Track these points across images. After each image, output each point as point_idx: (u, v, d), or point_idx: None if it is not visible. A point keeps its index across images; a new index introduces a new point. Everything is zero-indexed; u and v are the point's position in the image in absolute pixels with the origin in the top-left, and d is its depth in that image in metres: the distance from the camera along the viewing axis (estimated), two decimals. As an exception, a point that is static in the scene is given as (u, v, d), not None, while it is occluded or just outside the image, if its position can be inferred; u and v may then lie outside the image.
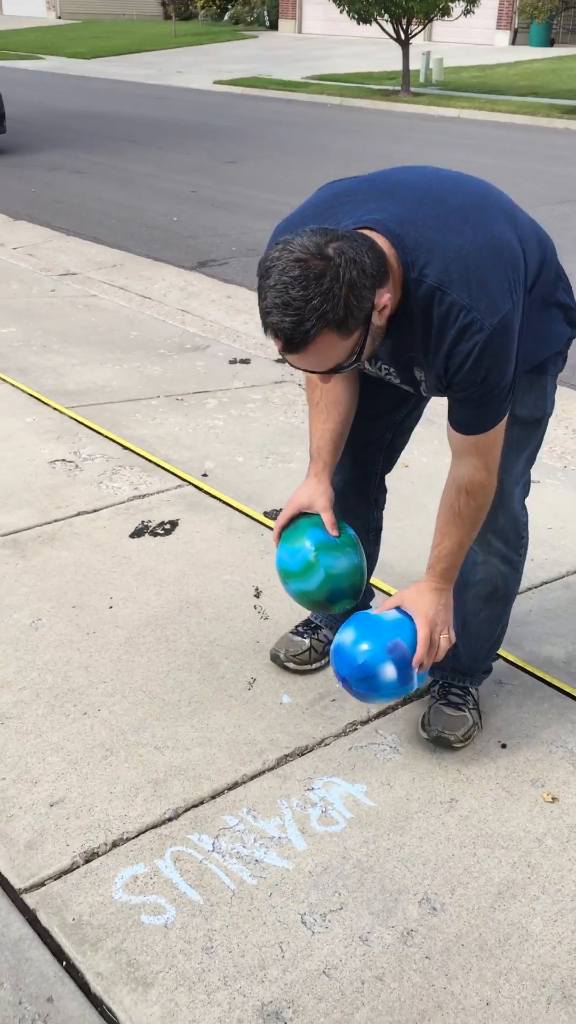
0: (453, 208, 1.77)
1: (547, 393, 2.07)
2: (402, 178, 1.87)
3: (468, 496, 1.93)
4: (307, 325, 1.58)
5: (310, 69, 21.83)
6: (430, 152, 12.46)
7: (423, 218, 1.74)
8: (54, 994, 1.65)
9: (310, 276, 1.57)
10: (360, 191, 1.82)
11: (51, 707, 2.33)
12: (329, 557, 2.14)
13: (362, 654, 2.02)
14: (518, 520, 2.13)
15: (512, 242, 1.79)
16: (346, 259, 1.58)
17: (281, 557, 2.21)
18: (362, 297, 1.62)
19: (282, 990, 1.67)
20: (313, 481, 2.15)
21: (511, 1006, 1.67)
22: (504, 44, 25.96)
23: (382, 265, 1.67)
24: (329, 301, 1.57)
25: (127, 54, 26.02)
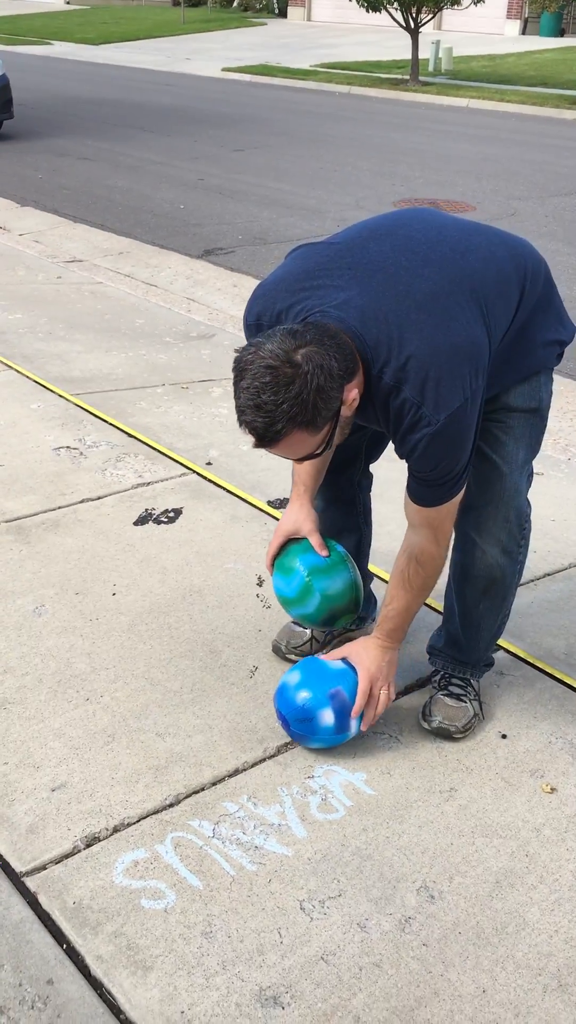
0: (417, 301, 1.82)
1: (541, 384, 2.09)
2: (374, 255, 1.88)
3: (418, 565, 2.03)
4: (278, 426, 1.70)
5: (319, 57, 21.73)
6: (438, 143, 12.41)
7: (386, 313, 1.80)
8: (54, 977, 1.67)
9: (280, 382, 1.67)
10: (332, 270, 1.87)
11: (53, 693, 2.34)
12: (322, 580, 2.24)
13: (304, 697, 2.12)
14: (522, 511, 2.14)
15: (472, 333, 1.84)
16: (314, 365, 1.68)
17: (277, 586, 2.30)
18: (329, 398, 1.72)
19: (280, 975, 1.69)
20: (296, 506, 2.24)
21: (507, 994, 1.68)
22: (514, 34, 25.81)
23: (350, 363, 1.77)
24: (298, 405, 1.68)
25: (136, 40, 25.91)
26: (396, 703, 2.36)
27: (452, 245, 1.90)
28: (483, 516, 2.11)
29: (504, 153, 11.77)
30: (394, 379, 1.80)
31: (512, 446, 2.07)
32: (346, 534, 2.42)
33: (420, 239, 1.90)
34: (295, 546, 2.27)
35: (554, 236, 7.73)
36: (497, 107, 16.28)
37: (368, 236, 1.93)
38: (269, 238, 7.53)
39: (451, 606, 2.28)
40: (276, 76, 19.38)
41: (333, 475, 2.29)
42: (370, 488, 2.44)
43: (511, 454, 2.07)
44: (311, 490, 2.24)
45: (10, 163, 10.28)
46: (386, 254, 1.87)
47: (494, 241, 1.98)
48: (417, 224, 1.95)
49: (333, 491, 2.35)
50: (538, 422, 2.12)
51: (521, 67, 19.98)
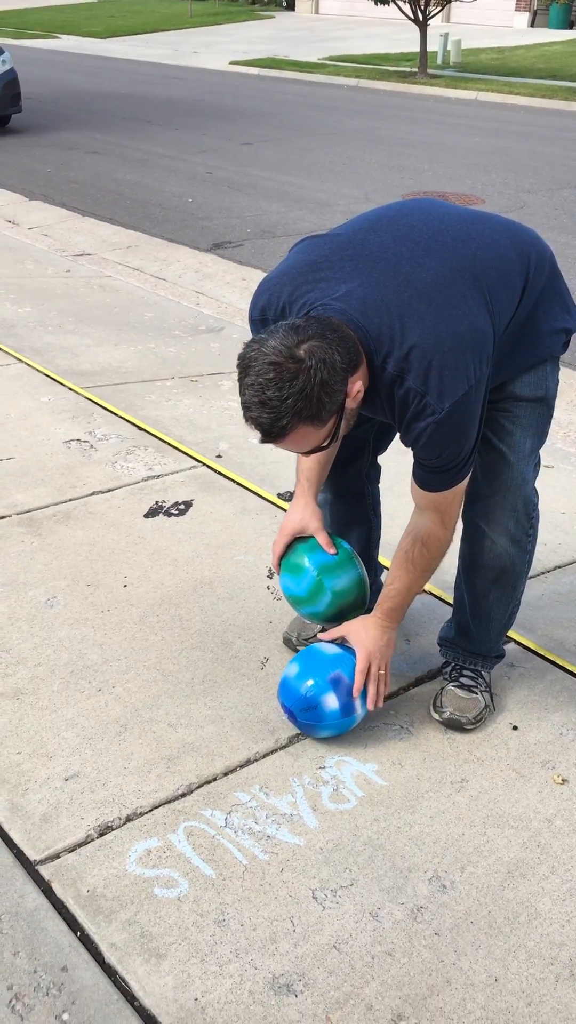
0: (419, 291, 1.82)
1: (547, 373, 2.09)
2: (375, 246, 1.89)
3: (423, 547, 2.04)
4: (284, 421, 1.71)
5: (327, 50, 21.68)
6: (446, 136, 12.38)
7: (388, 303, 1.81)
8: (68, 964, 1.68)
9: (284, 378, 1.68)
10: (334, 263, 1.88)
11: (66, 683, 2.35)
12: (332, 577, 2.24)
13: (306, 686, 2.13)
14: (529, 500, 2.15)
15: (475, 321, 1.84)
16: (317, 360, 1.69)
17: (286, 585, 2.30)
18: (334, 391, 1.73)
19: (293, 963, 1.70)
20: (301, 504, 2.23)
21: (519, 983, 1.69)
22: (523, 26, 25.70)
23: (353, 355, 1.78)
24: (303, 400, 1.70)
25: (143, 34, 25.89)
26: (407, 694, 2.37)
27: (453, 234, 1.91)
28: (491, 505, 2.11)
29: (513, 146, 11.73)
30: (397, 369, 1.81)
31: (519, 435, 2.08)
32: (355, 526, 2.43)
33: (421, 228, 1.91)
34: (302, 545, 2.27)
35: (564, 229, 7.71)
36: (506, 100, 16.22)
37: (369, 228, 1.94)
38: (278, 231, 7.53)
39: (461, 597, 2.28)
40: (284, 69, 19.34)
41: (341, 467, 2.30)
42: (378, 480, 2.45)
43: (518, 443, 2.08)
44: (316, 486, 2.23)
45: (19, 157, 10.28)
46: (387, 245, 1.88)
47: (497, 229, 1.98)
48: (418, 214, 1.96)
49: (342, 483, 2.35)
50: (545, 411, 2.12)
51: (530, 60, 19.90)
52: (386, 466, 2.49)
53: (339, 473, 2.32)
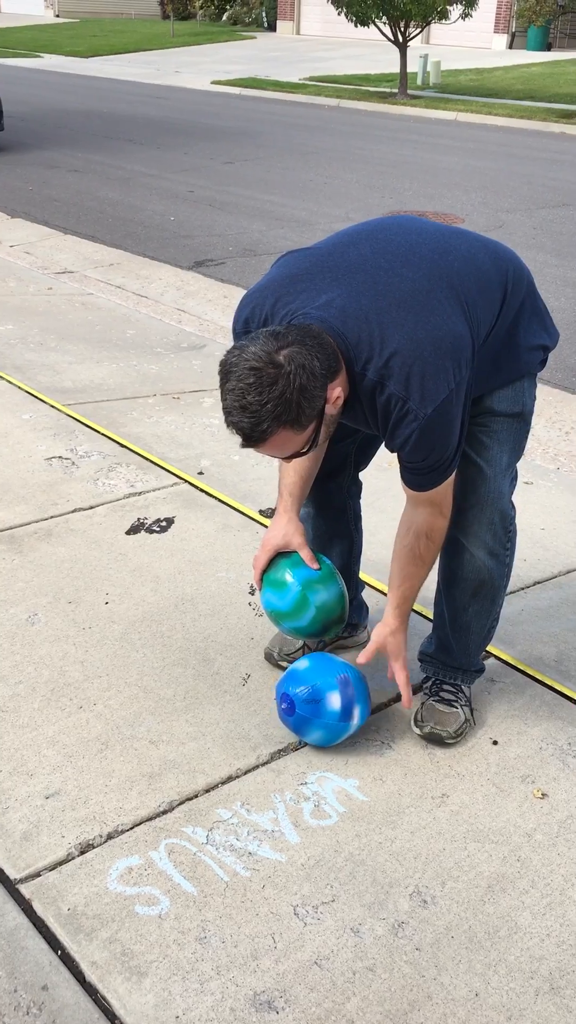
0: (397, 299, 1.85)
1: (524, 389, 2.13)
2: (354, 258, 1.92)
3: (427, 540, 2.07)
4: (264, 425, 1.74)
5: (308, 70, 21.86)
6: (426, 155, 12.50)
7: (366, 311, 1.84)
8: (49, 983, 1.67)
9: (264, 383, 1.71)
10: (314, 275, 1.92)
11: (47, 701, 2.34)
12: (316, 592, 2.24)
13: (314, 679, 2.16)
14: (506, 514, 2.17)
15: (453, 326, 1.87)
16: (296, 365, 1.72)
17: (269, 599, 2.28)
18: (313, 397, 1.76)
19: (274, 980, 1.69)
20: (284, 519, 2.23)
21: (500, 997, 1.69)
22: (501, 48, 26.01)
23: (333, 362, 1.80)
24: (282, 404, 1.73)
25: (125, 53, 26.01)
26: (388, 709, 2.38)
27: (431, 246, 1.95)
28: (468, 519, 2.14)
29: (492, 166, 11.85)
30: (377, 375, 1.83)
31: (496, 450, 2.10)
32: (337, 540, 2.44)
33: (399, 242, 1.94)
34: (285, 560, 2.27)
35: (542, 248, 7.79)
36: (485, 120, 16.39)
37: (349, 241, 1.98)
38: (259, 249, 7.57)
39: (441, 612, 2.30)
40: (266, 89, 19.48)
41: (323, 482, 2.31)
42: (359, 495, 2.46)
43: (495, 458, 2.11)
44: (299, 501, 2.24)
45: (0, 175, 10.30)
46: (366, 256, 1.91)
47: (474, 244, 2.02)
48: (396, 229, 1.99)
49: (324, 497, 2.37)
50: (522, 427, 2.15)
51: (509, 81, 20.13)
52: (367, 483, 2.51)
53: (321, 487, 2.34)
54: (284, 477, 2.22)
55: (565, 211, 9.31)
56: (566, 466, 3.94)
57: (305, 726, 2.18)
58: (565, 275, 7.03)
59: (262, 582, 2.29)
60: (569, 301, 6.38)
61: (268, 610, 2.32)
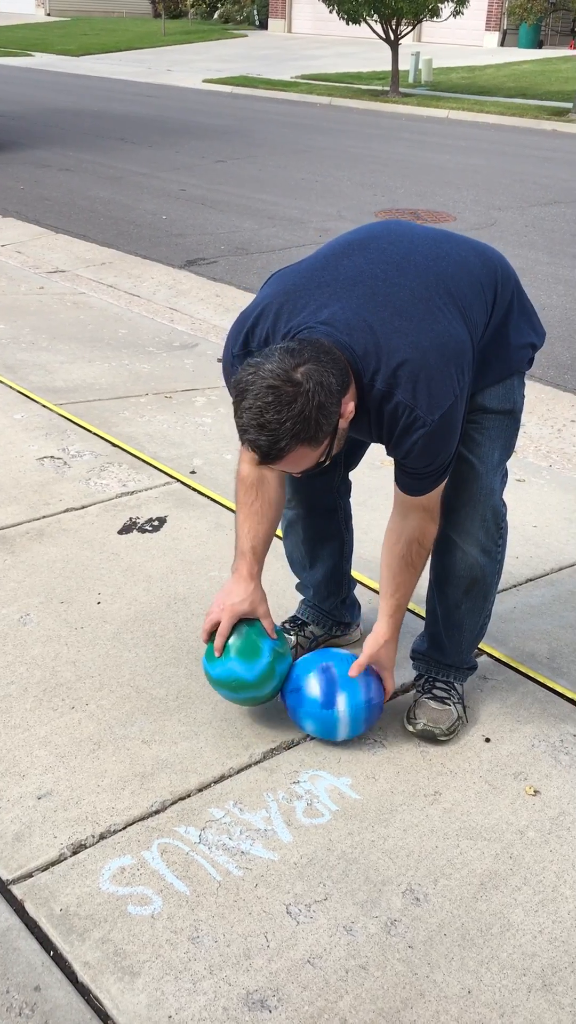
0: (397, 308, 1.86)
1: (514, 387, 2.14)
2: (349, 270, 1.91)
3: (419, 545, 2.08)
4: (282, 443, 1.73)
5: (299, 68, 21.84)
6: (418, 153, 12.50)
7: (370, 323, 1.84)
8: (41, 983, 1.67)
9: (283, 401, 1.70)
10: (311, 290, 1.91)
11: (39, 701, 2.34)
12: (281, 664, 2.22)
13: (299, 667, 2.23)
14: (498, 511, 2.18)
15: (455, 332, 1.88)
16: (314, 383, 1.72)
17: (232, 669, 2.16)
18: (330, 413, 1.76)
19: (267, 979, 1.69)
20: (250, 585, 2.17)
21: (492, 994, 1.69)
22: (493, 45, 26.02)
23: (345, 376, 1.81)
24: (301, 423, 1.72)
25: (116, 52, 25.97)
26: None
27: (424, 253, 1.95)
28: (460, 517, 2.14)
29: (484, 164, 11.86)
30: (385, 385, 1.84)
31: (488, 447, 2.11)
32: (328, 541, 2.44)
33: (392, 250, 1.95)
34: (250, 628, 2.18)
35: (534, 246, 7.80)
36: (477, 118, 16.40)
37: (340, 253, 1.98)
38: (251, 248, 7.56)
39: (433, 609, 2.30)
40: (257, 87, 19.47)
41: (313, 482, 2.31)
42: (349, 494, 2.46)
43: (487, 455, 2.11)
44: (261, 561, 2.17)
45: (-8, 174, 10.27)
46: (361, 267, 1.91)
47: (464, 247, 2.04)
48: (387, 236, 1.99)
49: (313, 498, 2.37)
50: (512, 424, 2.16)
51: (500, 78, 20.15)
52: (359, 481, 2.51)
53: (311, 488, 2.34)
54: (244, 536, 2.14)
55: (556, 209, 9.32)
56: (558, 463, 3.94)
57: (297, 718, 2.20)
58: (556, 272, 7.04)
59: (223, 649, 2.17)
60: (560, 298, 6.39)
61: (228, 678, 2.18)
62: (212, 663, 2.21)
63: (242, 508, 2.15)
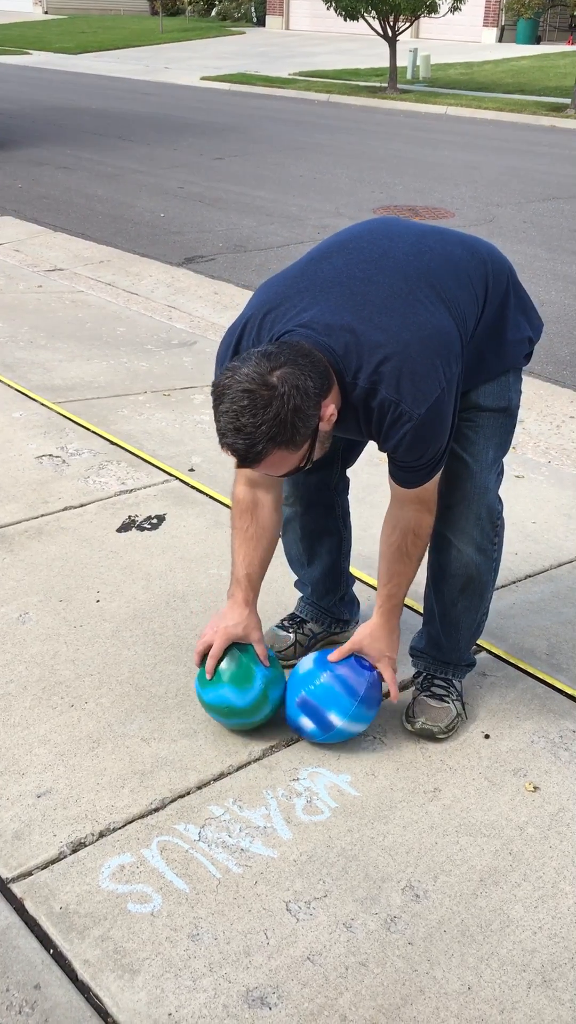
0: (377, 305, 1.85)
1: (510, 384, 2.13)
2: (327, 272, 1.92)
3: (415, 536, 2.06)
4: (259, 447, 1.74)
5: (297, 65, 21.82)
6: (417, 150, 12.49)
7: (349, 322, 1.84)
8: (41, 981, 1.67)
9: (258, 405, 1.71)
10: (291, 296, 1.92)
11: (38, 700, 2.34)
12: (274, 691, 2.21)
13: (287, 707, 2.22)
14: (493, 508, 2.17)
15: (438, 322, 1.87)
16: (290, 386, 1.72)
17: (223, 695, 2.16)
18: (307, 417, 1.76)
19: (267, 976, 1.70)
20: (245, 610, 2.18)
21: (492, 990, 1.70)
22: (491, 41, 26.00)
23: (325, 379, 1.80)
24: (277, 426, 1.72)
25: (114, 49, 25.94)
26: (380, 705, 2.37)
27: (405, 249, 1.94)
28: (455, 515, 2.14)
29: (482, 160, 11.85)
30: (369, 382, 1.83)
31: (482, 444, 2.10)
32: (326, 537, 2.44)
33: (371, 249, 1.94)
34: (243, 655, 2.17)
35: (532, 241, 7.80)
36: (475, 114, 16.39)
37: (320, 257, 1.98)
38: (250, 246, 7.56)
39: (431, 607, 2.30)
40: (255, 85, 19.45)
41: (310, 479, 2.31)
42: (347, 491, 2.46)
43: (481, 452, 2.11)
44: (257, 588, 2.18)
45: (-11, 173, 10.26)
46: (339, 269, 1.92)
47: (451, 241, 2.02)
48: (368, 236, 1.99)
49: (311, 495, 2.37)
50: (507, 421, 2.15)
51: (498, 74, 20.12)
52: (357, 477, 2.50)
53: (308, 485, 2.33)
54: (239, 563, 2.16)
55: (555, 204, 9.31)
56: (557, 459, 3.94)
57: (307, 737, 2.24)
58: (555, 268, 7.03)
59: (215, 673, 2.17)
60: (559, 294, 6.38)
61: (219, 704, 2.17)
62: (204, 687, 2.20)
63: (237, 534, 2.16)
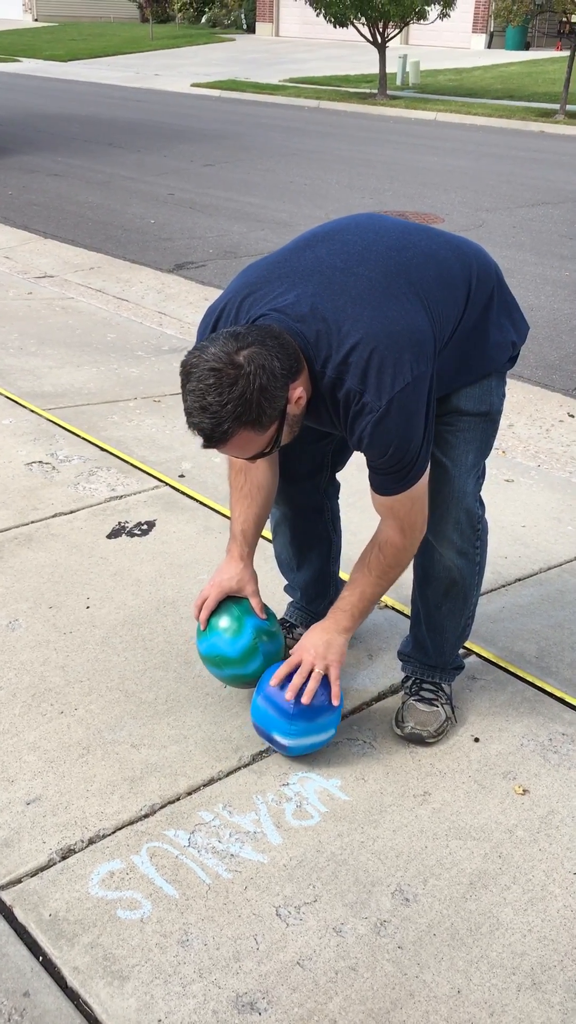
0: (352, 296, 1.85)
1: (492, 388, 2.11)
2: (308, 260, 1.92)
3: (379, 551, 2.04)
4: (224, 426, 1.74)
5: (287, 72, 21.88)
6: (406, 155, 12.52)
7: (323, 311, 1.84)
8: (31, 989, 1.67)
9: (224, 383, 1.71)
10: (271, 281, 1.92)
11: (28, 706, 2.34)
12: (266, 643, 2.22)
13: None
14: (472, 512, 2.17)
15: (411, 319, 1.86)
16: (256, 366, 1.72)
17: (214, 643, 2.20)
18: (274, 397, 1.76)
19: (257, 981, 1.69)
20: (240, 564, 2.21)
21: (481, 993, 1.70)
22: (480, 47, 26.11)
23: (294, 362, 1.80)
24: (242, 405, 1.72)
25: (104, 56, 25.98)
26: (369, 709, 2.38)
27: (388, 243, 1.94)
28: (434, 519, 2.12)
29: (472, 165, 11.89)
30: (336, 372, 1.83)
31: (462, 448, 2.10)
32: (315, 541, 2.44)
33: (355, 241, 1.94)
34: (234, 605, 2.21)
35: (521, 246, 7.82)
36: (464, 120, 16.45)
37: (304, 245, 1.98)
38: (240, 252, 7.57)
39: (416, 610, 2.30)
40: (245, 91, 19.50)
41: (300, 483, 2.32)
42: (337, 495, 2.46)
43: (460, 456, 2.10)
44: (252, 544, 2.21)
45: (-20, 180, 10.26)
46: (320, 258, 1.92)
47: (436, 240, 2.02)
48: (354, 228, 1.99)
49: (300, 498, 2.37)
50: (489, 426, 2.14)
51: (487, 80, 20.21)
52: (347, 482, 2.51)
53: (298, 488, 2.34)
54: (236, 519, 2.19)
55: (544, 209, 9.35)
56: (546, 463, 3.95)
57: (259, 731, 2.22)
58: (544, 273, 7.06)
59: (207, 624, 2.22)
60: (548, 299, 6.41)
61: (211, 654, 2.22)
62: (200, 639, 2.25)
63: (233, 491, 2.19)
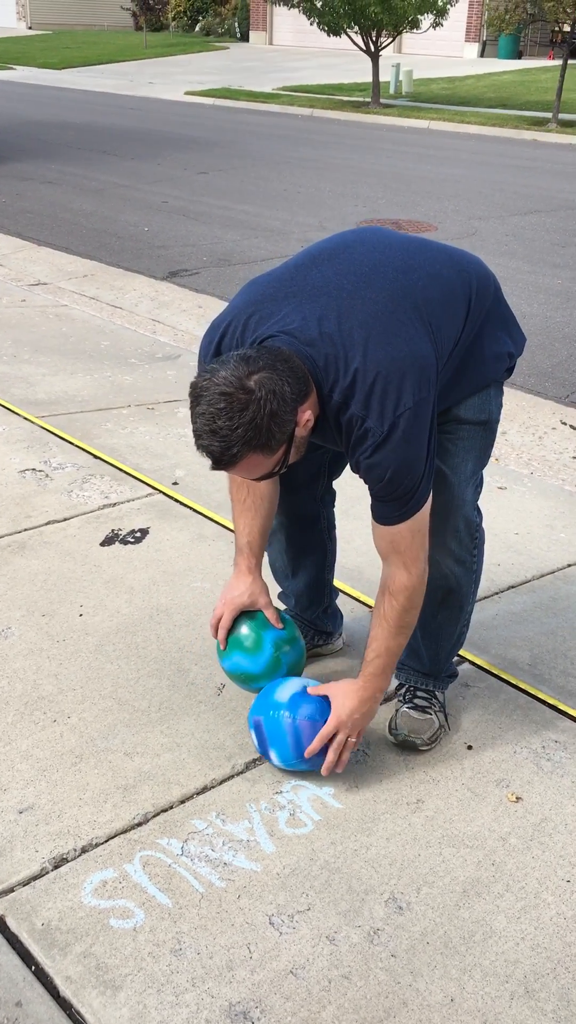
0: (359, 321, 1.86)
1: (491, 397, 2.13)
2: (316, 280, 1.92)
3: (391, 597, 2.00)
4: (234, 450, 1.75)
5: (281, 80, 21.93)
6: (400, 164, 12.57)
7: (331, 335, 1.85)
8: (23, 998, 1.66)
9: (234, 408, 1.72)
10: (278, 299, 1.92)
11: (20, 715, 2.33)
12: (288, 653, 2.23)
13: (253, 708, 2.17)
14: (471, 520, 2.18)
15: (415, 346, 1.87)
16: (267, 391, 1.73)
17: (238, 663, 2.23)
18: (283, 422, 1.77)
19: (250, 990, 1.69)
20: (249, 578, 2.22)
21: (475, 1002, 1.70)
22: (473, 56, 26.21)
23: (303, 385, 1.81)
24: (252, 430, 1.73)
25: (98, 64, 26.01)
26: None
27: (395, 265, 1.95)
28: (432, 527, 2.11)
29: (465, 173, 11.93)
30: (342, 397, 1.85)
31: (461, 457, 2.11)
32: (310, 549, 2.44)
33: (362, 261, 1.94)
34: (250, 621, 2.22)
35: (514, 255, 7.85)
36: (457, 128, 16.50)
37: (310, 263, 1.98)
38: (234, 259, 7.58)
39: (412, 619, 2.30)
40: (239, 99, 19.54)
41: (296, 491, 2.32)
42: (333, 503, 2.47)
43: (459, 465, 2.11)
44: (259, 555, 2.21)
45: (-27, 187, 10.26)
46: (329, 278, 1.92)
47: (439, 258, 2.02)
48: (359, 247, 1.99)
49: (296, 507, 2.37)
50: (487, 435, 2.15)
51: (480, 89, 20.29)
52: (342, 490, 2.51)
53: (294, 496, 2.34)
54: (240, 532, 2.20)
55: (536, 218, 9.38)
56: (539, 471, 3.96)
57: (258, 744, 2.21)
58: (537, 281, 7.08)
59: (227, 643, 2.24)
60: (540, 307, 6.43)
61: (236, 672, 2.25)
62: (221, 658, 2.28)
63: (235, 504, 2.20)
